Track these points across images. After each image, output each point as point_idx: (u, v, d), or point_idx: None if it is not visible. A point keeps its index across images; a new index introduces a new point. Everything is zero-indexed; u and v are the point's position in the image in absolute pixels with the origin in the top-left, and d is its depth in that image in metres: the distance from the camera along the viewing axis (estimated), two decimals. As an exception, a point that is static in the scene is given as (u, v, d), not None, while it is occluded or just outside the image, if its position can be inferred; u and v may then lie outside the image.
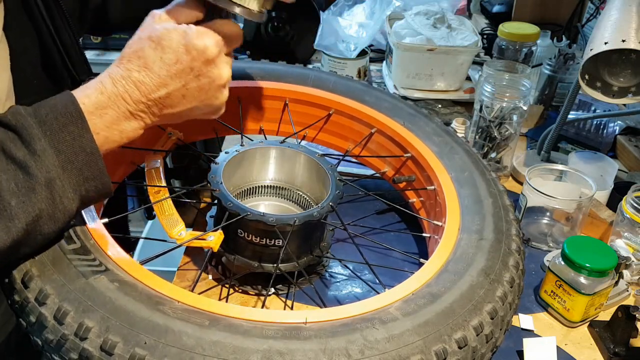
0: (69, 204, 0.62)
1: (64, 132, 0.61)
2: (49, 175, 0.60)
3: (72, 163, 0.61)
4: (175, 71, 0.67)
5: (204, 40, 0.68)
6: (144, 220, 2.24)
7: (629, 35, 0.92)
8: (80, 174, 0.62)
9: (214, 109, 0.74)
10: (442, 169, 0.90)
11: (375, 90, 1.06)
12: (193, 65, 0.68)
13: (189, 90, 0.69)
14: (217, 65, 0.69)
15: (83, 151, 0.62)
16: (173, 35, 0.67)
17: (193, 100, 0.70)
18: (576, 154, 1.19)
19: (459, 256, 0.75)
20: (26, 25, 0.84)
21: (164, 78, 0.67)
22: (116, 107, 0.65)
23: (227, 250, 0.84)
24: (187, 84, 0.68)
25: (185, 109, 0.70)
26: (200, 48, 0.67)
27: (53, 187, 0.60)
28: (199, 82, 0.69)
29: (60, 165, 0.60)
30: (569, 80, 1.41)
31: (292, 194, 0.97)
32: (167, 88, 0.67)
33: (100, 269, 0.64)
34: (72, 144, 0.61)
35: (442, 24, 1.49)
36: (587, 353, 0.84)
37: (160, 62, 0.67)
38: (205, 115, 0.74)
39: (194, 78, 0.68)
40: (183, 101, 0.69)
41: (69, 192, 0.61)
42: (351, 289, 0.90)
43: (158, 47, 0.67)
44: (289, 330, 0.61)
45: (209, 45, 0.68)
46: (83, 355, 0.57)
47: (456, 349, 0.63)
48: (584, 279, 0.85)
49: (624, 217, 0.95)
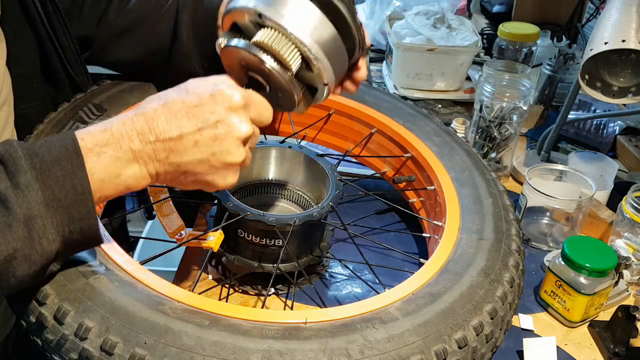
0: (48, 246, 0.56)
1: (56, 166, 0.55)
2: (29, 212, 0.54)
3: (59, 201, 0.55)
4: (194, 113, 0.60)
5: (232, 91, 0.62)
6: (144, 220, 2.24)
7: (629, 35, 0.92)
8: (66, 213, 0.56)
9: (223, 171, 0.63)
10: (442, 169, 0.90)
11: (375, 90, 1.06)
12: (215, 109, 0.61)
13: (202, 137, 0.60)
14: (240, 116, 0.62)
15: (73, 189, 0.56)
16: (201, 83, 0.63)
17: (205, 150, 0.61)
18: (576, 154, 1.19)
19: (459, 256, 0.75)
20: (25, 29, 0.84)
21: (180, 118, 0.60)
22: (118, 146, 0.58)
23: (227, 250, 0.85)
24: (203, 129, 0.60)
25: (193, 160, 0.61)
26: (226, 94, 0.61)
27: (32, 226, 0.54)
28: (216, 130, 0.60)
29: (45, 203, 0.55)
30: (569, 80, 1.41)
31: (292, 194, 0.97)
32: (180, 129, 0.60)
33: (100, 269, 0.64)
34: (62, 181, 0.55)
35: (442, 24, 1.49)
36: (587, 353, 0.84)
37: (181, 103, 0.61)
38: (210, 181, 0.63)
39: (212, 124, 0.60)
40: (194, 149, 0.60)
41: (50, 233, 0.56)
42: (351, 289, 0.90)
43: (183, 91, 0.62)
44: (289, 330, 0.61)
45: (236, 94, 0.62)
46: (83, 355, 0.57)
47: (456, 349, 0.63)
48: (584, 279, 0.85)
49: (624, 217, 0.95)
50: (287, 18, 0.63)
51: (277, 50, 0.63)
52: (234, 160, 0.62)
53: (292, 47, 0.63)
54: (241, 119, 0.62)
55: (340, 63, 0.68)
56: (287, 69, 0.64)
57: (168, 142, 0.60)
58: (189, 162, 0.61)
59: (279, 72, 0.64)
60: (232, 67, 0.69)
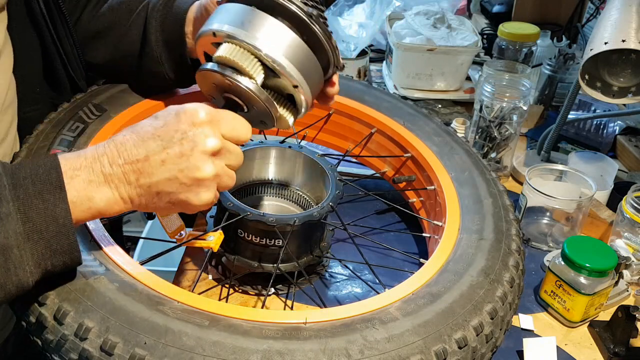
0: (24, 277, 0.56)
1: (38, 199, 0.56)
2: (6, 242, 0.54)
3: (39, 233, 0.56)
4: (159, 133, 0.61)
5: (196, 107, 0.63)
6: (144, 220, 2.24)
7: (629, 35, 0.92)
8: (47, 246, 0.57)
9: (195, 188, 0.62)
10: (442, 169, 0.90)
11: (375, 90, 1.06)
12: (179, 127, 0.61)
13: (169, 155, 0.61)
14: (205, 130, 0.62)
15: (54, 221, 0.56)
16: (171, 108, 0.64)
17: (172, 167, 0.61)
18: (576, 154, 1.19)
19: (459, 256, 0.75)
20: (30, 33, 0.85)
21: (147, 140, 0.61)
22: (90, 170, 0.59)
23: (227, 250, 0.85)
24: (169, 147, 0.61)
25: (162, 180, 0.61)
26: (190, 111, 0.62)
27: (8, 256, 0.55)
28: (181, 147, 0.61)
29: (25, 234, 0.55)
30: (569, 80, 1.41)
31: (292, 194, 0.97)
32: (146, 149, 0.61)
33: (100, 269, 0.64)
34: (44, 213, 0.56)
35: (442, 24, 1.49)
36: (587, 353, 0.84)
37: (149, 127, 0.62)
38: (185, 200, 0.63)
39: (177, 142, 0.61)
40: (162, 168, 0.61)
41: (29, 265, 0.56)
42: (351, 289, 0.90)
43: (153, 118, 0.63)
44: (288, 330, 0.61)
45: (200, 110, 0.62)
46: (83, 355, 0.57)
47: (456, 349, 0.63)
48: (584, 279, 0.85)
49: (624, 217, 0.95)
50: (246, 32, 0.65)
51: (236, 62, 0.65)
52: (203, 175, 0.62)
53: (250, 56, 0.65)
54: (206, 134, 0.62)
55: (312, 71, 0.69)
56: (251, 79, 0.66)
57: (136, 164, 0.60)
58: (159, 182, 0.61)
59: (243, 84, 0.66)
60: (211, 93, 0.71)
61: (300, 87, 0.68)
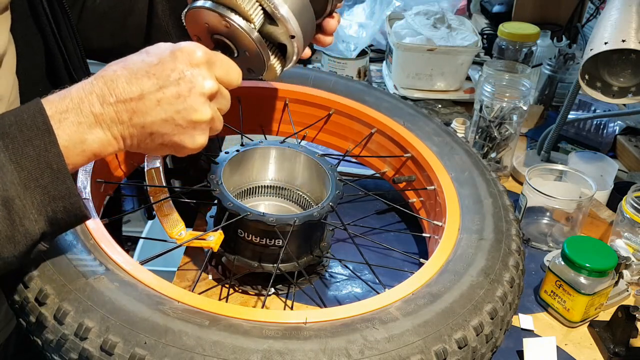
0: (30, 226, 0.55)
1: (28, 146, 0.54)
2: (6, 194, 0.54)
3: (35, 181, 0.55)
4: (154, 71, 0.59)
5: (193, 46, 0.61)
6: (144, 220, 2.24)
7: (629, 35, 0.92)
8: (45, 193, 0.55)
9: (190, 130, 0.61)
10: (442, 169, 0.90)
11: (375, 90, 1.06)
12: (176, 66, 0.59)
13: (165, 95, 0.59)
14: (202, 72, 0.60)
15: (49, 168, 0.55)
16: (162, 44, 0.62)
17: (169, 108, 0.59)
18: (576, 154, 1.19)
19: (459, 256, 0.75)
20: (33, 31, 0.85)
21: (141, 77, 0.58)
22: (79, 111, 0.57)
23: (227, 250, 0.85)
24: (165, 87, 0.59)
25: (157, 120, 0.59)
26: (187, 50, 0.60)
27: (11, 207, 0.54)
28: (178, 88, 0.59)
29: (22, 183, 0.54)
30: (569, 80, 1.41)
31: (292, 194, 0.97)
32: (141, 88, 0.58)
33: (100, 269, 0.64)
34: (36, 160, 0.55)
35: (442, 24, 1.49)
36: (587, 353, 0.84)
37: (141, 63, 0.59)
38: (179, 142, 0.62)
39: (174, 81, 0.59)
40: (157, 109, 0.59)
41: (32, 213, 0.55)
42: (351, 289, 0.90)
43: (144, 53, 0.61)
44: (289, 330, 0.61)
45: (197, 50, 0.60)
46: (83, 355, 0.57)
47: (456, 349, 0.63)
48: (584, 279, 0.85)
49: (624, 217, 0.95)
50: None
51: (238, 4, 0.63)
52: (200, 118, 0.60)
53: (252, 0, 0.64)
54: (204, 75, 0.60)
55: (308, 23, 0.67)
56: (249, 22, 0.64)
57: (129, 103, 0.58)
58: (154, 122, 0.59)
59: (242, 26, 0.64)
60: (198, 34, 0.69)
61: (297, 37, 0.66)
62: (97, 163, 0.79)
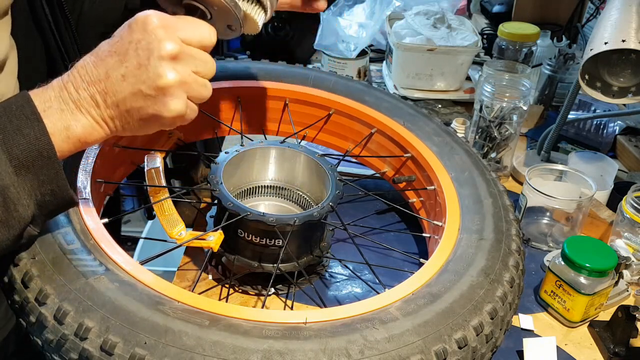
0: (24, 211, 0.58)
1: (18, 135, 0.56)
2: (2, 183, 0.56)
3: (26, 168, 0.57)
4: (115, 48, 0.60)
5: (146, 13, 0.60)
6: (144, 220, 2.24)
7: (629, 35, 0.92)
8: (35, 178, 0.58)
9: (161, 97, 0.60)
10: (442, 169, 0.90)
11: (375, 90, 1.06)
12: (132, 37, 0.59)
13: (128, 69, 0.59)
14: (159, 35, 0.59)
15: (39, 155, 0.57)
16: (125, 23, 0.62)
17: (134, 80, 0.59)
18: (576, 154, 1.19)
19: (459, 256, 0.75)
20: (34, 34, 0.85)
21: (105, 58, 0.60)
22: (60, 99, 0.59)
23: (227, 250, 0.84)
24: (126, 60, 0.59)
25: (127, 95, 0.59)
26: (140, 19, 0.60)
27: (7, 195, 0.57)
28: (138, 57, 0.59)
29: (15, 172, 0.57)
30: (569, 80, 1.41)
31: (292, 194, 0.97)
32: (105, 67, 0.59)
33: (100, 269, 0.64)
34: (27, 148, 0.57)
35: (442, 24, 1.49)
36: (587, 353, 0.84)
37: (106, 45, 0.60)
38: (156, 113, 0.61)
39: (133, 52, 0.59)
40: (124, 84, 0.59)
41: (24, 199, 0.58)
42: (351, 289, 0.90)
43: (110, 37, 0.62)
44: (289, 330, 0.61)
45: (150, 15, 0.60)
46: (83, 355, 0.57)
47: (456, 349, 0.63)
48: (584, 279, 0.85)
49: (624, 217, 0.95)
50: None
51: None
52: (165, 82, 0.59)
53: None
54: (160, 39, 0.59)
55: None
56: None
57: (99, 84, 0.59)
58: (125, 98, 0.60)
59: None
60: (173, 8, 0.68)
61: None
62: (97, 163, 0.79)
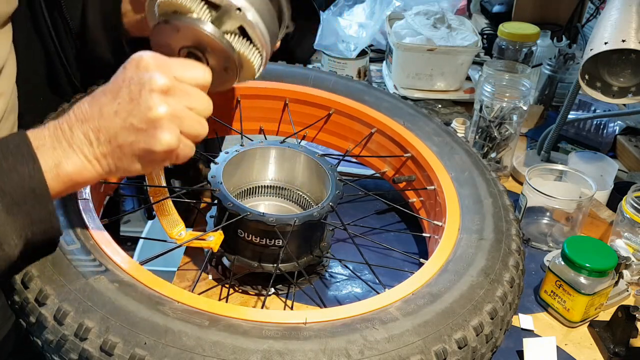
0: (10, 250, 0.57)
1: (13, 172, 0.56)
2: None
3: (18, 206, 0.56)
4: (109, 88, 0.61)
5: (140, 53, 0.62)
6: (144, 220, 2.24)
7: (629, 35, 0.92)
8: (27, 217, 0.57)
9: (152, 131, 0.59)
10: (442, 169, 0.90)
11: (375, 90, 1.06)
12: (125, 76, 0.60)
13: (120, 105, 0.59)
14: (151, 71, 0.60)
15: (32, 193, 0.57)
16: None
17: (126, 115, 0.59)
18: (576, 154, 1.19)
19: (459, 256, 0.75)
20: (35, 45, 0.86)
21: (99, 98, 0.61)
22: (53, 138, 0.59)
23: (227, 250, 0.84)
24: (119, 96, 0.60)
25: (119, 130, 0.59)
26: (134, 59, 0.61)
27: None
28: (130, 93, 0.59)
29: (5, 209, 0.56)
30: (569, 80, 1.41)
31: (292, 194, 0.97)
32: (99, 105, 0.60)
33: (100, 269, 0.64)
34: (20, 185, 0.56)
35: (442, 24, 1.49)
36: (587, 353, 0.84)
37: (101, 88, 0.62)
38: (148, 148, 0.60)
39: (126, 89, 0.60)
40: (116, 119, 0.59)
41: (12, 238, 0.57)
42: (351, 289, 0.90)
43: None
44: (288, 330, 0.61)
45: (144, 55, 0.61)
46: (83, 355, 0.57)
47: (456, 349, 0.63)
48: (584, 279, 0.85)
49: (624, 217, 0.95)
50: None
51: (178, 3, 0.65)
52: (157, 115, 0.59)
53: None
54: (153, 74, 0.60)
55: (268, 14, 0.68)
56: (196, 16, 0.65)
57: (93, 122, 0.60)
58: (117, 133, 0.59)
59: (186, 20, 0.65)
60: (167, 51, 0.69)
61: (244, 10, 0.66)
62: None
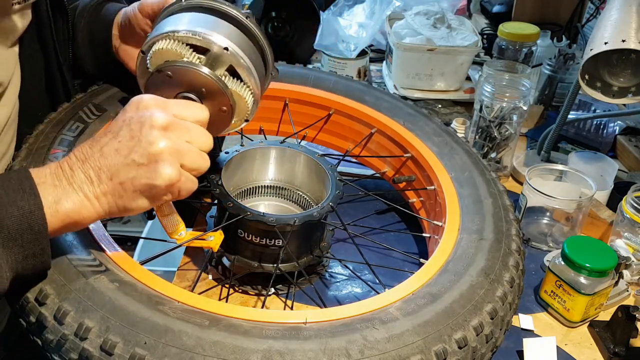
0: (1, 284, 0.57)
1: (13, 207, 0.57)
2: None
3: (14, 240, 0.57)
4: (111, 129, 0.62)
5: (139, 96, 0.64)
6: (144, 220, 2.24)
7: (629, 35, 0.92)
8: (20, 252, 0.57)
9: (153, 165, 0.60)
10: (442, 169, 0.90)
11: (375, 90, 1.06)
12: (126, 117, 0.62)
13: (121, 143, 0.61)
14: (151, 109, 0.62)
15: (29, 229, 0.57)
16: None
17: (126, 151, 0.60)
18: (576, 154, 1.19)
19: (459, 256, 0.75)
20: (37, 52, 0.87)
21: (100, 138, 0.62)
22: (54, 176, 0.60)
23: (227, 250, 0.85)
24: (119, 135, 0.61)
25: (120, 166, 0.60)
26: (134, 101, 0.64)
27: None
28: (130, 131, 0.61)
29: (1, 243, 0.56)
30: (569, 80, 1.41)
31: (292, 194, 0.97)
32: (100, 145, 0.61)
33: (100, 269, 0.64)
34: (19, 220, 0.57)
35: (442, 24, 1.49)
36: (587, 353, 0.84)
37: (102, 129, 0.65)
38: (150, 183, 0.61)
39: (126, 127, 0.61)
40: (117, 156, 0.60)
41: (5, 272, 0.57)
42: (351, 289, 0.90)
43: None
44: (288, 330, 0.61)
45: (143, 97, 0.63)
46: (83, 355, 0.57)
47: (456, 349, 0.63)
48: (584, 279, 0.85)
49: (624, 217, 0.95)
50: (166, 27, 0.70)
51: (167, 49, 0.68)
52: (158, 149, 0.60)
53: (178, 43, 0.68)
54: (152, 111, 0.61)
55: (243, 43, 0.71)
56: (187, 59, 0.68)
57: (93, 161, 0.61)
58: (118, 170, 0.60)
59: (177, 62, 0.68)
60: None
61: (231, 48, 0.68)
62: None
